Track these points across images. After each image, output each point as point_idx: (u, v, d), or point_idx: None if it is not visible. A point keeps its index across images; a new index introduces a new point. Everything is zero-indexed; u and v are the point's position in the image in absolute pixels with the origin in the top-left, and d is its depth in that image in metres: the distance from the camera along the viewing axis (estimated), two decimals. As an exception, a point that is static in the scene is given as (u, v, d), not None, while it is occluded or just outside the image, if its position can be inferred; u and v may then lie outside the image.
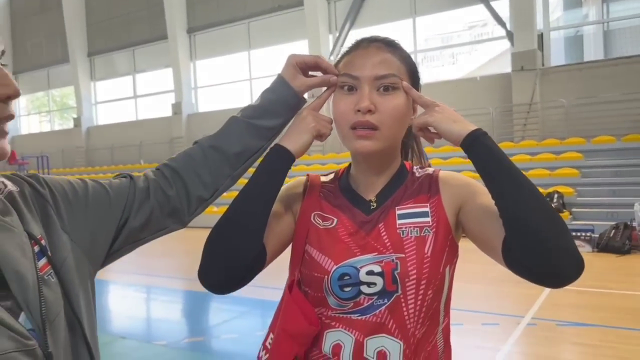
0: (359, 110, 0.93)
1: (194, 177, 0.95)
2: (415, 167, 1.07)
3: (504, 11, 12.19)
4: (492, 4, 12.15)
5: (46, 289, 0.66)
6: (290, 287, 1.00)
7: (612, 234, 7.61)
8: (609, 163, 9.89)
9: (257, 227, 0.93)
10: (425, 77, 1.19)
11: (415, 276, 0.92)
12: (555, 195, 8.96)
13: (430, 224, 0.96)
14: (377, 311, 0.93)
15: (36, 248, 0.69)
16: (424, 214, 0.97)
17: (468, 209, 0.96)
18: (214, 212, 12.66)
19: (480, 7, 12.44)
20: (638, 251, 7.45)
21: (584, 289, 5.39)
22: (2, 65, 0.66)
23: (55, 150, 20.32)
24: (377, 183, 1.02)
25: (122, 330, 4.88)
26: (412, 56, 1.04)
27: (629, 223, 7.67)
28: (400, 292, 0.92)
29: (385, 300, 0.93)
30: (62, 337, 0.67)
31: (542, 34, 11.88)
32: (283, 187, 1.06)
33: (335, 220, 1.00)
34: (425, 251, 0.94)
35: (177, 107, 17.29)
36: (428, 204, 0.98)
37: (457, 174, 1.03)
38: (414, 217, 0.97)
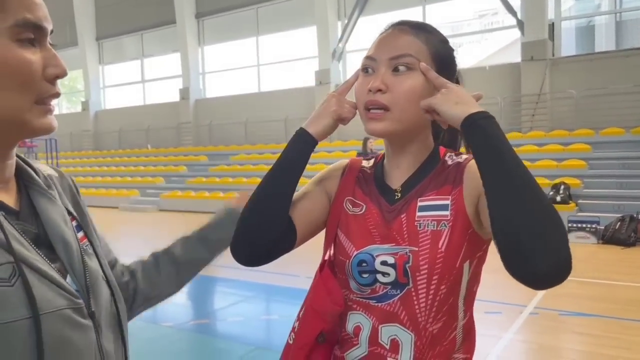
0: (370, 90, 0.93)
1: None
2: (449, 154, 1.02)
3: (514, 0, 12.07)
4: (504, -8, 12.03)
5: (86, 257, 0.75)
6: (321, 267, 1.04)
7: (617, 226, 7.60)
8: (616, 155, 9.83)
9: (279, 206, 0.97)
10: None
11: (426, 271, 0.91)
12: (562, 187, 8.93)
13: (448, 217, 0.92)
14: (391, 300, 0.94)
15: (74, 223, 0.78)
16: (444, 207, 0.94)
17: (482, 203, 0.88)
18: (220, 198, 12.68)
19: (491, -4, 12.29)
20: (643, 244, 7.45)
21: (587, 280, 5.42)
22: (51, 45, 0.70)
23: (63, 134, 20.42)
24: (403, 170, 1.01)
25: (130, 312, 4.96)
26: None
27: (635, 215, 7.65)
28: (411, 285, 0.92)
29: (398, 291, 0.93)
30: (102, 299, 0.75)
31: (553, 24, 11.76)
32: (324, 170, 1.11)
33: (364, 207, 1.01)
34: (439, 246, 0.91)
35: (184, 92, 17.31)
36: (450, 196, 0.94)
37: None
38: (433, 210, 0.94)
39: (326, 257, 1.05)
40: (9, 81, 0.64)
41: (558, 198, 8.75)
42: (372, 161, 1.11)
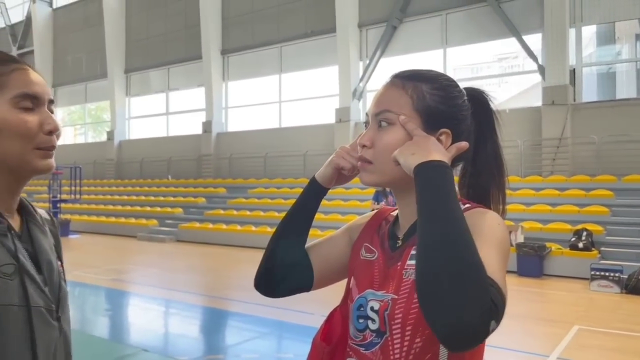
0: (359, 145, 1.00)
1: None
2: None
3: (535, 45, 12.20)
4: (525, 37, 12.18)
5: (62, 280, 0.98)
6: (338, 305, 1.08)
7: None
8: (639, 203, 9.68)
9: (287, 247, 1.07)
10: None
11: (400, 320, 0.89)
12: (584, 233, 8.77)
13: None
14: (374, 349, 0.93)
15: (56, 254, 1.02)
16: None
17: None
18: (237, 231, 12.69)
19: (512, 41, 12.47)
20: (669, 295, 7.23)
21: (611, 330, 5.25)
22: (52, 109, 0.96)
23: (87, 162, 20.86)
24: (407, 219, 1.01)
25: (143, 343, 4.95)
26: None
27: (659, 265, 7.45)
28: (388, 333, 0.90)
29: (379, 340, 0.92)
30: (66, 314, 0.97)
31: (574, 70, 11.82)
32: (353, 220, 1.18)
33: (376, 254, 1.02)
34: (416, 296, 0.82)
35: (207, 126, 17.64)
36: None
37: (488, 213, 0.92)
38: None
39: (344, 299, 1.09)
40: (12, 135, 0.89)
41: (580, 245, 8.58)
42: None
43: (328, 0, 14.90)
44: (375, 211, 1.16)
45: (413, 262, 0.90)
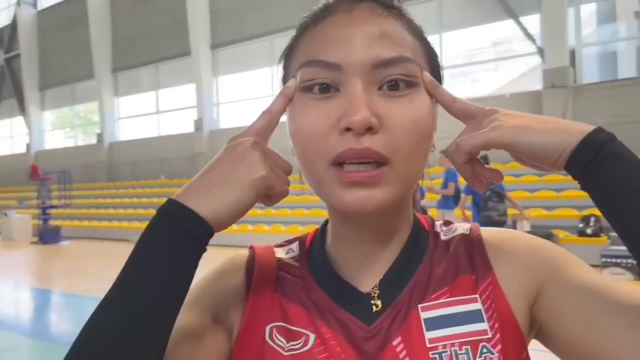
0: (348, 129, 0.52)
1: None
2: (437, 223, 0.65)
3: (534, 27, 11.86)
4: (522, 19, 11.85)
5: None
6: None
7: (655, 262, 7.12)
8: (648, 185, 9.40)
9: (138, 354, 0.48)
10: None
11: None
12: (592, 219, 8.49)
13: (489, 334, 0.53)
14: None
15: None
16: (474, 316, 0.55)
17: (554, 297, 0.55)
18: (233, 231, 12.49)
19: (509, 23, 12.13)
20: (686, 280, 6.94)
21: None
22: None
23: (77, 165, 20.46)
24: (377, 257, 0.60)
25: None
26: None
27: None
28: None
29: None
30: None
31: (574, 50, 11.50)
32: (204, 279, 0.63)
33: (312, 337, 0.56)
34: None
35: (199, 123, 17.27)
36: (477, 295, 0.56)
37: (511, 231, 0.63)
38: (457, 324, 0.54)
39: None
40: None
41: (589, 231, 8.33)
42: (292, 247, 0.67)
43: (318, -12, 14.52)
44: (240, 259, 0.65)
45: (441, 332, 0.53)
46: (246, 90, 16.91)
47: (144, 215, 15.49)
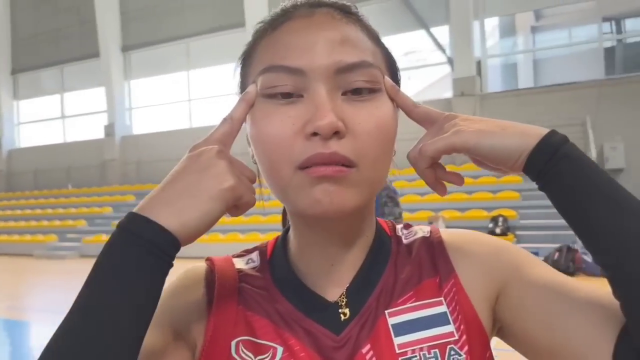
0: (315, 134, 0.51)
1: None
2: (398, 227, 0.65)
3: (443, 38, 12.54)
4: (432, 30, 12.48)
5: None
6: None
7: (556, 257, 7.72)
8: (547, 186, 10.25)
9: None
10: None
11: None
12: (500, 219, 9.08)
13: (457, 336, 0.54)
14: None
15: None
16: (442, 319, 0.55)
17: (515, 296, 0.56)
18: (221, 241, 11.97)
19: (421, 33, 12.73)
20: (582, 273, 7.59)
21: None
22: None
23: (-30, 175, 18.68)
24: (343, 265, 0.59)
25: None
26: None
27: (571, 246, 7.82)
28: None
29: None
30: None
31: (480, 61, 12.29)
32: (162, 294, 0.54)
33: (280, 349, 0.55)
34: None
35: (109, 129, 16.40)
36: (442, 298, 0.57)
37: (470, 232, 0.64)
38: (424, 328, 0.55)
39: None
40: None
41: (497, 230, 8.88)
42: (252, 258, 0.65)
43: (235, -7, 14.38)
44: (198, 272, 0.62)
45: (409, 337, 0.54)
46: (162, 95, 16.32)
47: (48, 227, 14.55)
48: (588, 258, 6.98)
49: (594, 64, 11.25)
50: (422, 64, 13.97)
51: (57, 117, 18.41)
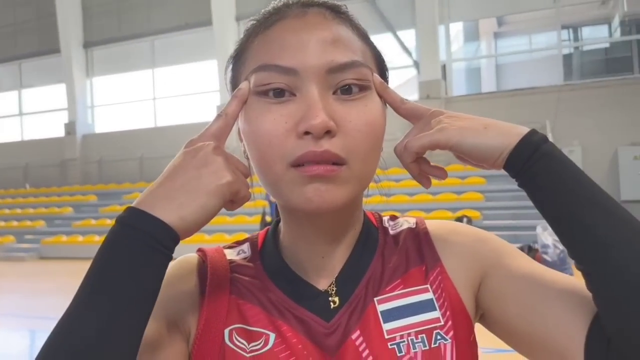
0: (307, 133, 0.52)
1: None
2: (385, 219, 0.68)
3: (410, 41, 12.73)
4: (399, 33, 12.64)
5: None
6: None
7: (518, 256, 7.97)
8: (508, 187, 10.49)
9: None
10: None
11: None
12: (465, 219, 9.26)
13: (443, 322, 0.57)
14: None
15: None
16: (427, 305, 0.58)
17: (496, 285, 0.59)
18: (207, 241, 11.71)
19: (388, 36, 12.88)
20: (542, 272, 7.85)
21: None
22: None
23: None
24: (333, 257, 0.61)
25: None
26: None
27: (532, 245, 8.08)
28: None
29: None
30: None
31: (445, 65, 12.54)
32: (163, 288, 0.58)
33: (272, 336, 0.57)
34: None
35: (70, 127, 15.92)
36: (428, 285, 0.59)
37: (454, 223, 0.67)
38: (410, 314, 0.57)
39: None
40: None
41: (461, 230, 9.09)
42: (243, 249, 0.66)
43: (202, -9, 14.19)
44: (191, 261, 0.64)
45: (397, 323, 0.57)
46: (126, 93, 15.95)
47: (5, 228, 14.03)
48: (548, 258, 7.22)
49: (553, 69, 11.65)
50: (389, 67, 14.15)
51: (14, 114, 17.76)
